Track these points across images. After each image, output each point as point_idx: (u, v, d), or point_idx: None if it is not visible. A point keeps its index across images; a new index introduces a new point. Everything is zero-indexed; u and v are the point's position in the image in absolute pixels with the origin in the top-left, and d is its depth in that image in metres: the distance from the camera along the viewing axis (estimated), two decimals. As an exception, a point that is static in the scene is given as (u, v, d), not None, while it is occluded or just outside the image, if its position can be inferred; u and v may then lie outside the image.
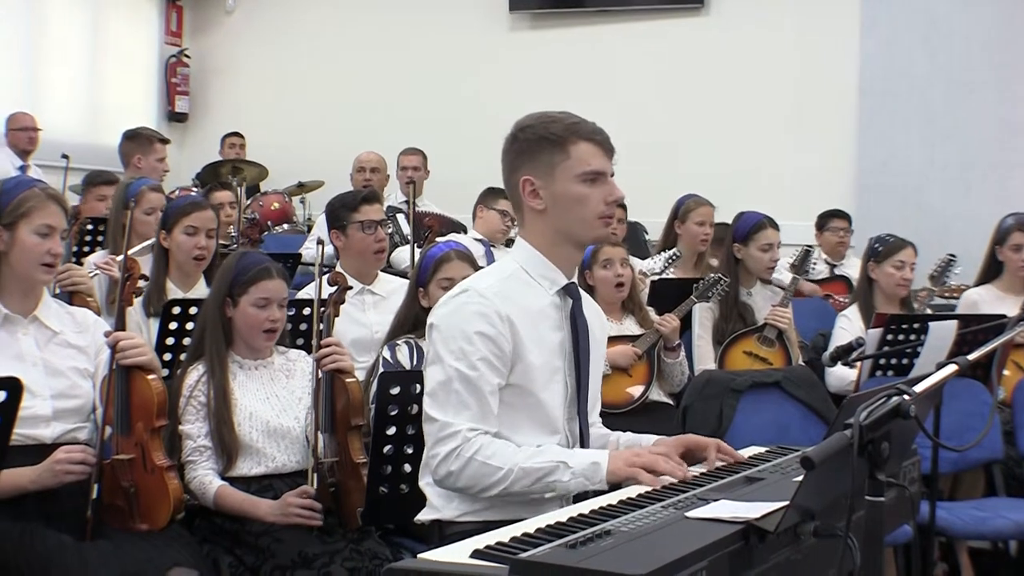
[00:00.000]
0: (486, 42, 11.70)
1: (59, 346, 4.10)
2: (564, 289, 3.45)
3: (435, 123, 10.99)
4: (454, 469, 3.22)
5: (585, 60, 11.27)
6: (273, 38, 12.68)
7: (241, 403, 4.27)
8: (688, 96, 10.88)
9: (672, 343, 5.98)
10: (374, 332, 5.47)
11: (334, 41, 12.35)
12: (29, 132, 9.84)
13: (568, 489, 3.20)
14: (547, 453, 3.24)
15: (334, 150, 10.85)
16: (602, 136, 3.43)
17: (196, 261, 5.38)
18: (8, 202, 3.99)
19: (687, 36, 11.02)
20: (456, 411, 3.24)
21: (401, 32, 12.02)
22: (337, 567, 3.89)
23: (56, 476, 3.81)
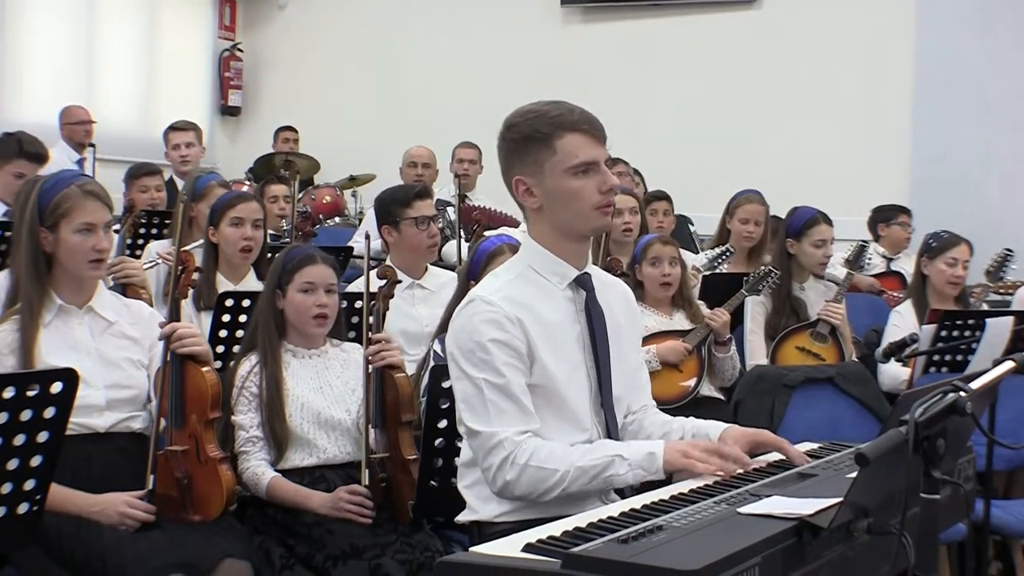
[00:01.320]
0: (538, 36, 11.70)
1: (113, 336, 4.13)
2: (576, 281, 3.41)
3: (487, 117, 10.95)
4: (511, 478, 3.19)
5: (637, 54, 11.25)
6: (325, 32, 12.72)
7: (293, 392, 4.29)
8: (741, 90, 10.85)
9: (723, 337, 5.95)
10: (424, 326, 5.48)
11: (386, 35, 12.38)
12: (85, 125, 9.89)
13: (627, 482, 3.17)
14: (601, 448, 3.22)
15: (386, 144, 10.88)
16: (591, 124, 3.33)
17: (243, 252, 5.41)
18: (47, 203, 4.01)
19: (739, 30, 10.98)
20: (497, 419, 3.21)
21: (454, 26, 12.04)
22: (388, 559, 3.89)
23: (109, 519, 3.80)
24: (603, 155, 3.34)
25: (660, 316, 5.99)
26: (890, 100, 10.33)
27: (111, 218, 4.13)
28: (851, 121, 10.44)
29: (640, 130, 9.98)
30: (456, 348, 3.30)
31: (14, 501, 3.03)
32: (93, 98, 10.92)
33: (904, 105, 10.23)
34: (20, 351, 3.91)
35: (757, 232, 7.17)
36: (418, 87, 12.07)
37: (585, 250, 3.49)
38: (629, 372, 3.54)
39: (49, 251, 4.01)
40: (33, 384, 2.96)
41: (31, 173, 6.43)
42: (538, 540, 2.37)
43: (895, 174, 10.11)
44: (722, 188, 7.70)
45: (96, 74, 11.54)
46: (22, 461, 2.99)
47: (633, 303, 3.72)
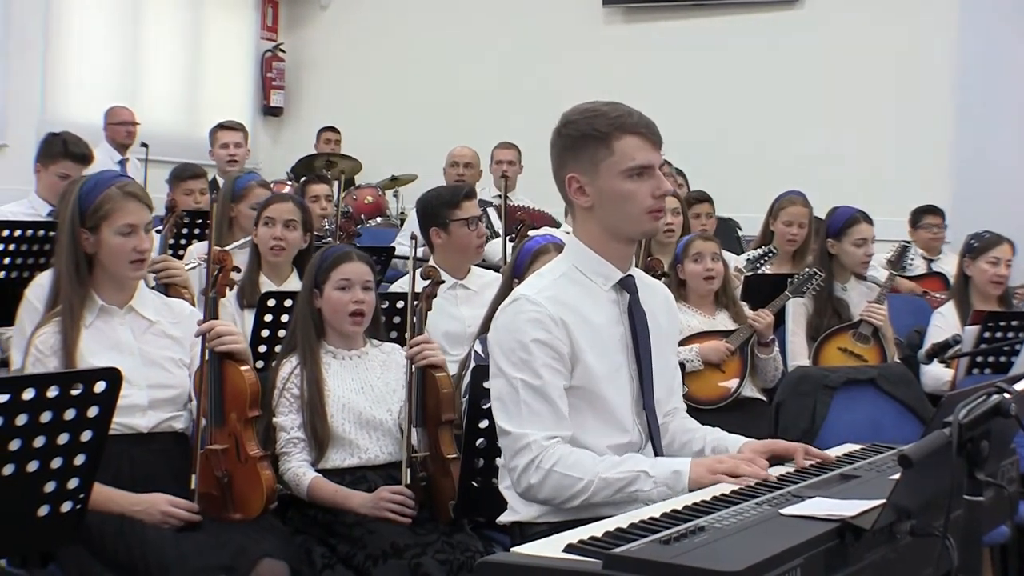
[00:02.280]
0: (580, 36, 11.70)
1: (155, 336, 4.15)
2: (620, 283, 3.40)
3: (529, 117, 10.95)
4: (534, 482, 3.19)
5: (678, 54, 11.23)
6: (367, 32, 12.74)
7: (335, 393, 4.30)
8: (783, 90, 10.81)
9: (766, 338, 5.94)
10: (467, 326, 5.48)
11: (428, 35, 12.39)
12: (128, 126, 9.94)
13: (651, 499, 3.14)
14: (628, 463, 3.20)
15: (427, 144, 10.89)
16: (648, 128, 3.32)
17: (273, 252, 5.44)
18: (88, 205, 4.03)
19: (781, 29, 10.94)
20: (529, 421, 3.21)
21: (495, 26, 12.04)
22: (428, 559, 3.89)
23: (151, 518, 3.83)
24: (658, 160, 3.33)
25: (703, 316, 5.98)
26: (932, 99, 10.26)
27: (151, 219, 4.15)
28: (893, 121, 10.39)
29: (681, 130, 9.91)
30: (497, 346, 3.30)
31: (58, 499, 3.05)
32: (137, 99, 10.98)
33: (946, 104, 10.17)
34: (62, 352, 3.94)
35: (801, 234, 7.14)
36: (459, 87, 12.08)
37: (631, 252, 3.48)
38: (668, 375, 3.54)
39: (90, 252, 4.03)
40: (77, 383, 2.98)
41: (76, 174, 6.46)
42: (579, 541, 2.36)
43: (936, 174, 10.03)
44: (763, 188, 7.69)
45: (140, 75, 11.61)
46: (66, 460, 3.00)
47: (674, 306, 3.71)
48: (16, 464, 2.90)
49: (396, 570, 3.87)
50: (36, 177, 6.89)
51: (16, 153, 9.66)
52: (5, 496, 2.90)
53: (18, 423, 2.86)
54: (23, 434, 2.88)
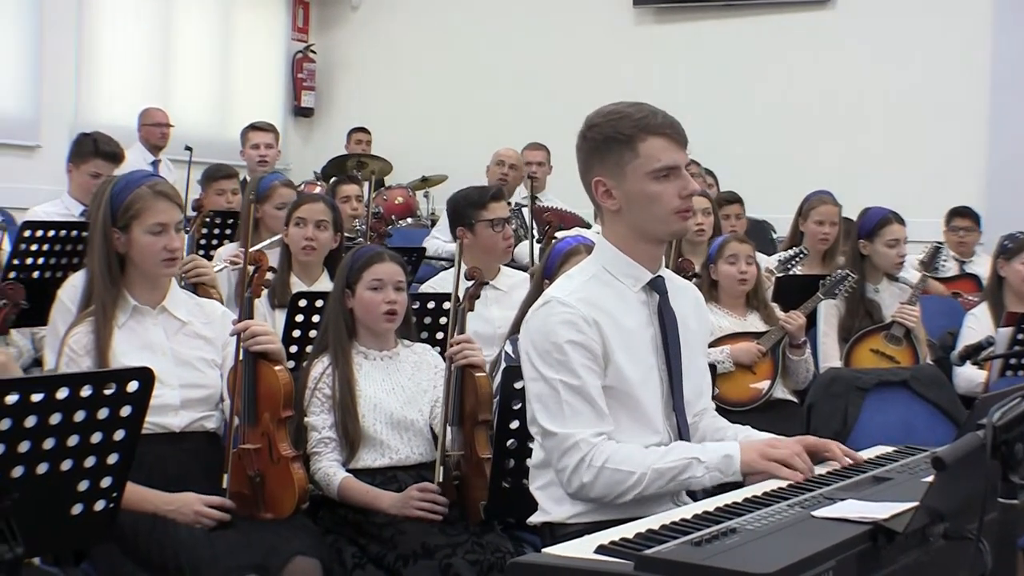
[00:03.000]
0: (610, 37, 11.69)
1: (187, 336, 4.16)
2: (649, 284, 3.39)
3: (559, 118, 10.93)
4: (587, 480, 3.18)
5: (709, 54, 11.22)
6: (397, 33, 12.75)
7: (366, 393, 4.31)
8: (814, 90, 10.78)
9: (797, 340, 5.92)
10: (496, 327, 5.48)
11: (458, 36, 12.40)
12: (162, 128, 9.98)
13: (703, 484, 3.16)
14: (677, 451, 3.21)
15: (458, 145, 10.92)
16: (673, 128, 3.31)
17: (305, 252, 5.45)
18: (119, 205, 4.04)
19: (813, 30, 10.91)
20: (573, 420, 3.21)
21: (525, 27, 12.04)
22: (459, 559, 3.89)
23: (184, 517, 3.84)
24: (684, 159, 3.32)
25: (734, 317, 5.97)
26: (965, 100, 10.22)
27: (182, 218, 4.17)
28: (926, 121, 10.35)
29: (712, 131, 9.92)
30: (532, 349, 3.30)
31: (91, 498, 3.06)
32: (169, 100, 11.02)
33: (980, 105, 10.13)
34: (95, 352, 3.96)
35: (832, 233, 7.12)
36: (490, 88, 12.08)
37: (660, 253, 3.48)
38: (698, 376, 3.53)
39: (122, 252, 4.05)
40: (110, 383, 2.99)
41: (107, 173, 6.50)
42: (611, 542, 2.36)
43: (970, 175, 10.00)
44: (794, 189, 7.67)
45: (172, 76, 11.65)
46: (99, 459, 3.01)
47: (704, 307, 3.71)
48: (50, 463, 2.91)
49: (426, 570, 3.88)
50: (68, 177, 6.93)
51: (50, 154, 9.70)
52: (39, 494, 2.91)
53: (52, 422, 2.87)
54: (57, 433, 2.89)
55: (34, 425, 2.84)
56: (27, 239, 5.38)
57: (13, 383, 2.98)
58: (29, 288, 4.18)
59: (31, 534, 2.86)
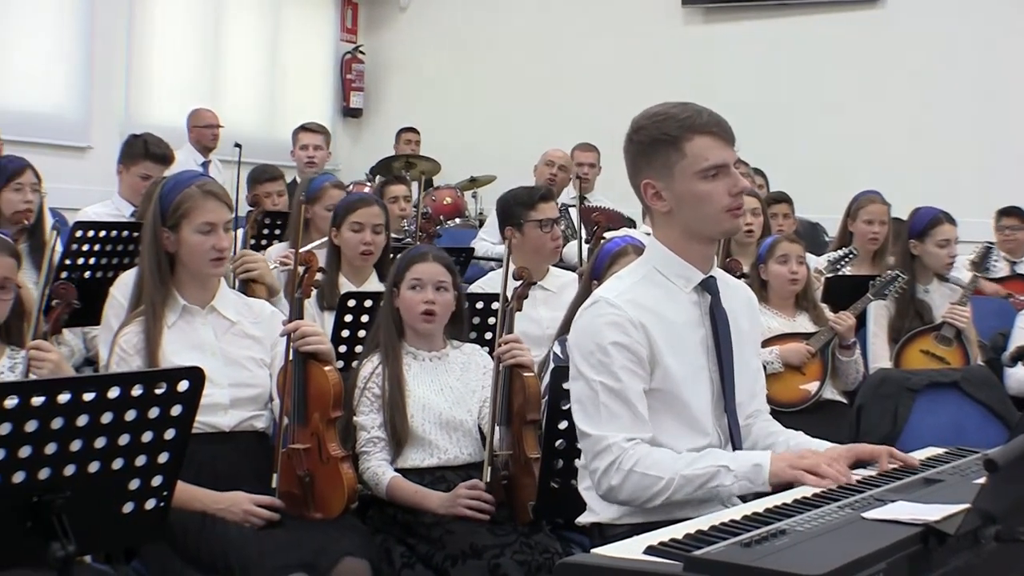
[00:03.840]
0: (659, 37, 11.67)
1: (236, 336, 4.19)
2: (701, 285, 3.38)
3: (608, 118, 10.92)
4: (615, 483, 3.18)
5: (758, 54, 11.18)
6: (446, 34, 12.78)
7: (415, 394, 4.32)
8: (865, 90, 10.73)
9: (847, 341, 5.90)
10: (544, 328, 5.46)
11: (506, 36, 12.41)
12: (212, 129, 10.04)
13: (731, 493, 3.14)
14: (707, 458, 3.19)
15: (506, 145, 10.93)
16: (720, 126, 3.28)
17: (363, 256, 5.43)
18: (169, 204, 4.08)
19: (862, 29, 10.85)
20: (608, 423, 3.21)
21: (574, 27, 12.04)
22: (507, 559, 3.89)
23: (234, 516, 3.86)
24: (732, 157, 3.30)
25: (783, 318, 5.95)
26: (1015, 99, 10.14)
27: (231, 218, 4.19)
28: (975, 120, 10.26)
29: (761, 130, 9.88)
30: (576, 348, 3.29)
31: (142, 497, 3.07)
32: (219, 101, 11.09)
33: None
34: (145, 352, 3.99)
35: (881, 232, 7.08)
36: (538, 88, 12.09)
37: (712, 253, 3.46)
38: (750, 377, 3.51)
39: (171, 251, 4.08)
40: (161, 382, 3.01)
41: (157, 174, 6.55)
42: (660, 543, 2.35)
43: (1021, 174, 9.91)
44: (844, 189, 7.62)
45: (221, 77, 11.73)
46: (149, 458, 3.03)
47: (756, 307, 3.69)
48: (101, 461, 2.93)
49: (475, 570, 3.88)
50: (118, 178, 6.99)
51: (100, 155, 9.79)
52: (91, 493, 2.93)
53: (103, 421, 2.88)
54: (108, 432, 2.91)
55: (86, 424, 2.86)
56: (79, 239, 5.42)
57: (66, 382, 3.01)
58: (80, 288, 4.21)
59: (83, 532, 2.87)
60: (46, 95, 10.03)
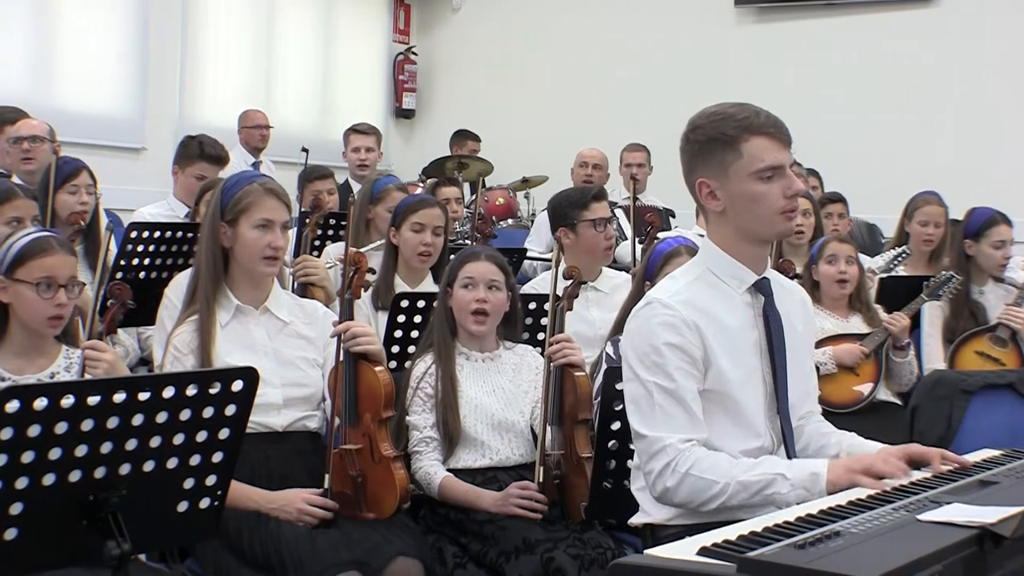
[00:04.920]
0: (711, 37, 11.63)
1: (289, 336, 4.20)
2: (755, 286, 3.37)
3: (660, 118, 10.90)
4: (670, 485, 3.18)
5: (811, 53, 11.11)
6: (498, 35, 12.79)
7: (467, 395, 4.33)
8: (917, 89, 10.64)
9: (901, 342, 5.86)
10: (597, 329, 5.45)
11: (558, 37, 12.40)
12: (261, 130, 10.11)
13: (788, 501, 3.11)
14: (764, 465, 3.17)
15: (558, 145, 10.90)
16: (777, 127, 3.28)
17: (421, 257, 5.42)
18: (229, 199, 4.11)
19: (915, 28, 10.76)
20: (663, 424, 3.20)
21: (626, 27, 12.02)
22: (561, 553, 3.88)
23: (287, 515, 3.88)
24: (788, 159, 3.29)
25: (836, 319, 5.92)
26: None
27: (289, 218, 4.21)
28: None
29: (815, 130, 9.84)
30: (630, 349, 3.29)
31: (196, 496, 3.09)
32: (271, 102, 11.17)
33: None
34: (199, 351, 4.02)
35: (937, 234, 7.04)
36: (590, 88, 12.08)
37: (765, 254, 3.45)
38: (804, 379, 3.50)
39: (227, 246, 4.10)
40: (215, 382, 3.02)
41: (212, 175, 6.60)
42: (713, 544, 2.34)
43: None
44: (899, 189, 7.59)
45: (274, 79, 11.80)
46: (204, 457, 3.05)
47: (810, 308, 3.67)
48: (156, 461, 2.95)
49: (528, 565, 3.88)
50: (174, 179, 7.05)
51: (155, 156, 9.88)
52: (146, 492, 2.95)
53: (159, 420, 2.90)
54: (163, 431, 2.93)
55: (141, 423, 2.88)
56: (133, 240, 5.45)
57: (121, 381, 3.03)
58: (135, 288, 4.23)
59: (138, 531, 2.90)
60: (102, 97, 10.12)
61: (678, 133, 3.41)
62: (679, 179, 3.41)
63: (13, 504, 2.75)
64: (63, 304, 3.81)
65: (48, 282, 3.77)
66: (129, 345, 5.51)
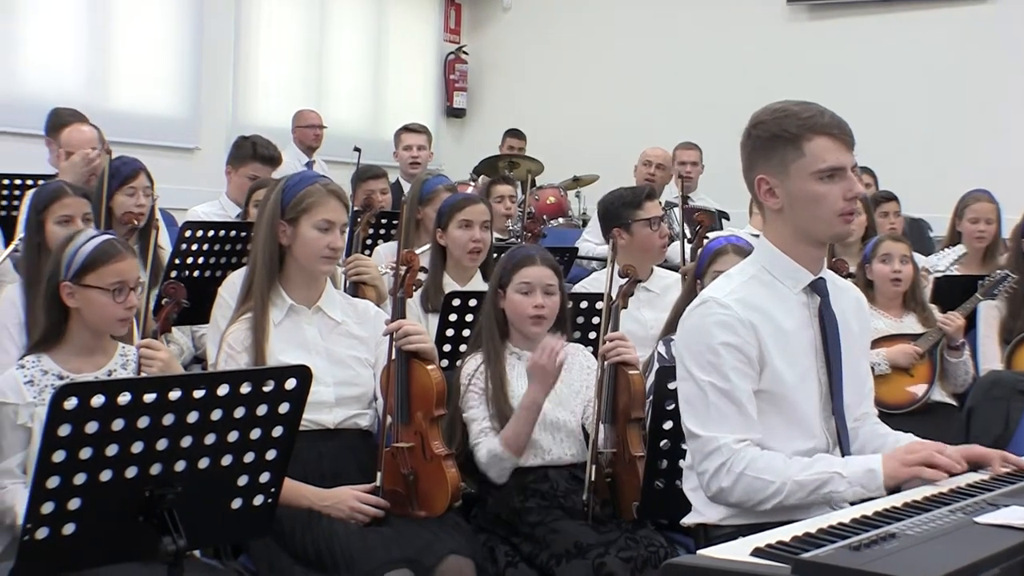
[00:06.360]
0: (763, 35, 11.58)
1: (341, 336, 4.22)
2: (810, 286, 3.35)
3: (711, 117, 10.90)
4: (725, 485, 3.17)
5: (865, 51, 11.05)
6: (548, 34, 12.79)
7: (518, 394, 4.31)
8: (974, 87, 10.55)
9: (955, 342, 5.82)
10: (649, 328, 5.43)
11: (609, 36, 12.38)
12: (315, 129, 10.16)
13: (845, 499, 3.10)
14: (820, 463, 3.16)
15: (609, 144, 10.90)
16: (841, 129, 3.26)
17: (471, 255, 5.42)
18: (291, 198, 4.13)
19: (970, 25, 10.67)
20: (718, 424, 3.19)
21: (677, 26, 12.00)
22: (612, 557, 3.87)
23: (339, 513, 3.90)
24: (851, 161, 3.27)
25: (890, 319, 5.88)
26: None
27: (347, 220, 4.23)
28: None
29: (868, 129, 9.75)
30: (685, 349, 3.28)
31: (250, 493, 3.11)
32: (323, 102, 11.24)
33: None
34: (253, 349, 4.04)
35: (989, 231, 6.98)
36: (641, 87, 12.07)
37: (822, 255, 3.43)
38: (859, 380, 3.47)
39: (285, 244, 4.12)
40: (269, 380, 3.04)
41: (264, 175, 6.63)
42: (767, 545, 2.33)
43: None
44: (953, 187, 7.53)
45: (326, 78, 11.86)
46: (257, 454, 3.06)
47: (866, 309, 3.65)
48: (211, 458, 2.97)
49: (579, 569, 3.87)
50: (227, 179, 7.09)
51: (208, 156, 9.96)
52: (200, 489, 2.97)
53: (213, 418, 2.92)
54: (217, 429, 2.95)
55: (196, 421, 2.90)
56: (187, 239, 5.47)
57: (177, 379, 3.06)
58: (189, 287, 4.26)
59: (192, 527, 2.92)
60: (156, 98, 10.22)
61: (730, 132, 3.40)
62: (731, 179, 3.41)
63: (71, 500, 2.79)
64: (133, 306, 3.85)
65: (120, 286, 3.80)
66: (183, 344, 5.55)
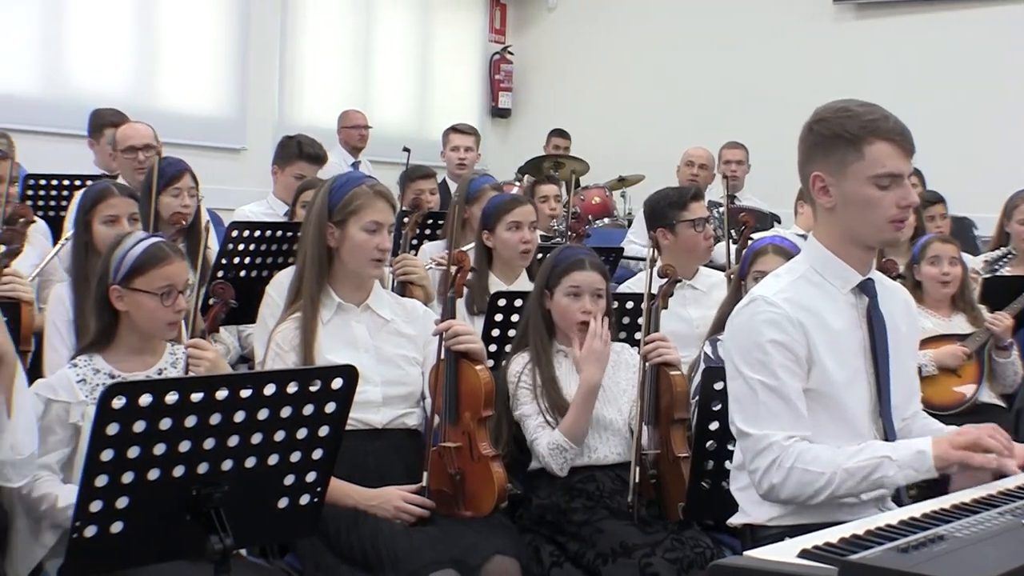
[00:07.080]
0: (809, 34, 11.52)
1: (389, 335, 4.23)
2: (859, 287, 3.34)
3: (757, 116, 10.87)
4: (776, 481, 3.17)
5: (912, 50, 10.96)
6: (593, 34, 12.77)
7: (566, 392, 4.31)
8: (1020, 85, 10.44)
9: (1004, 342, 5.78)
10: (695, 327, 5.43)
11: (654, 36, 12.36)
12: (360, 130, 10.18)
13: (896, 483, 3.11)
14: (868, 450, 3.15)
15: (655, 144, 10.87)
16: (902, 135, 3.24)
17: (522, 255, 5.43)
18: (339, 200, 4.14)
19: (1019, 22, 10.57)
20: (768, 422, 3.19)
21: (722, 26, 11.95)
22: (658, 558, 3.87)
23: (385, 512, 3.91)
24: (908, 169, 3.25)
25: (938, 319, 5.85)
26: None
27: (394, 221, 4.24)
28: None
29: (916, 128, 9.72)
30: (734, 347, 3.28)
31: (297, 492, 3.12)
32: (369, 102, 11.27)
33: None
34: (301, 348, 4.05)
35: (1035, 232, 6.94)
36: (686, 87, 12.02)
37: (871, 258, 3.41)
38: (907, 381, 3.46)
39: (333, 246, 4.13)
40: (315, 379, 3.04)
41: (311, 175, 6.66)
42: (814, 546, 2.32)
43: None
44: (1002, 187, 7.47)
45: (372, 79, 11.90)
46: (304, 454, 3.07)
47: (914, 310, 3.63)
48: (257, 457, 2.98)
49: (625, 570, 3.87)
50: (273, 179, 7.12)
51: (255, 156, 10.00)
52: (247, 488, 2.98)
53: (260, 417, 2.93)
54: (264, 428, 2.95)
55: (242, 420, 2.91)
56: (234, 239, 5.50)
57: (224, 379, 3.07)
58: (236, 287, 4.28)
59: (239, 526, 2.92)
60: (203, 98, 10.29)
61: (776, 130, 3.39)
62: (776, 178, 3.39)
63: (119, 498, 2.80)
64: (182, 309, 3.87)
65: (169, 290, 3.81)
66: (230, 343, 5.57)
